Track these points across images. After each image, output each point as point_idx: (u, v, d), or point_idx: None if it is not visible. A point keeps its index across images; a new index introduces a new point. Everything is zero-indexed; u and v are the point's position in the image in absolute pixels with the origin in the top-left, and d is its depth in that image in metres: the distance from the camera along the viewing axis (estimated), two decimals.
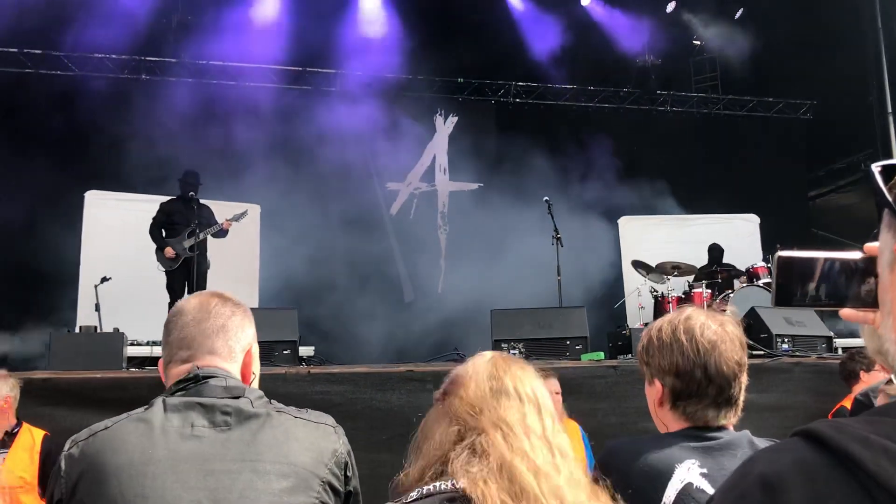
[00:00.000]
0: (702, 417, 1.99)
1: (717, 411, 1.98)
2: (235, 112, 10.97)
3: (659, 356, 2.02)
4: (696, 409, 1.98)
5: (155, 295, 9.19)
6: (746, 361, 2.02)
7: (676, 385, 1.99)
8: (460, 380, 1.58)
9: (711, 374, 1.95)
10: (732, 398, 1.99)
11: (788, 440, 0.83)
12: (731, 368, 1.97)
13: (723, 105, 13.49)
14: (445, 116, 12.64)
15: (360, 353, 9.75)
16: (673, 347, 1.99)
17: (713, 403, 1.97)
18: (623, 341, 7.31)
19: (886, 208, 0.88)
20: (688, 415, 2.00)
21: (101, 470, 1.65)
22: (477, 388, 1.54)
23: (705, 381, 1.96)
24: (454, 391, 1.56)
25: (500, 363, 1.60)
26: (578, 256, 10.42)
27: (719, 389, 1.96)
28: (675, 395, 2.01)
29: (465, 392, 1.54)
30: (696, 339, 1.97)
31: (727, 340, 1.98)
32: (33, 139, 9.91)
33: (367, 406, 5.44)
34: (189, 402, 1.74)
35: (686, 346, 1.97)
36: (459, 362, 1.67)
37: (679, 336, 1.99)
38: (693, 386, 1.97)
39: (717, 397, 1.97)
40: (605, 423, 5.39)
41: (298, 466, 1.71)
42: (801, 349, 6.48)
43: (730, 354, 1.97)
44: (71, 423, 4.54)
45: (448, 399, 1.55)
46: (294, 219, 10.54)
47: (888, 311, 0.90)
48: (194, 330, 1.87)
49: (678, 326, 2.01)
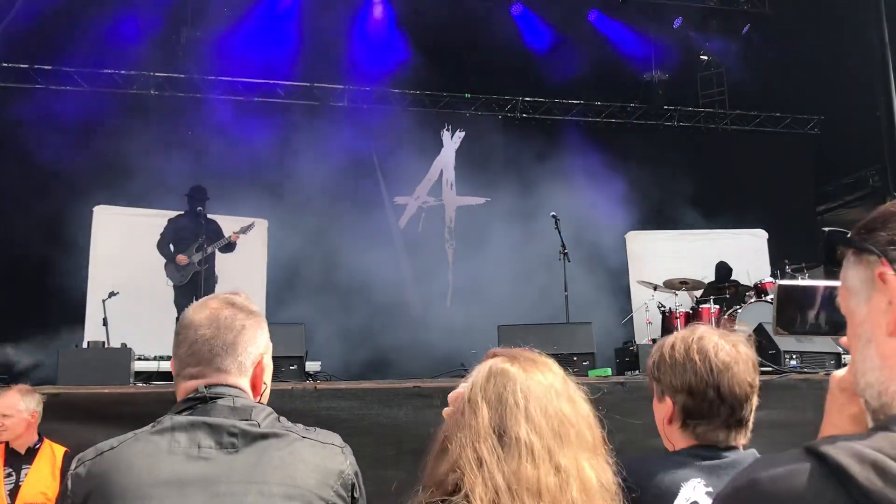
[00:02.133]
0: (712, 438, 1.98)
1: (728, 432, 1.98)
2: (243, 127, 11.02)
3: (671, 374, 2.02)
4: (707, 429, 1.98)
5: (162, 310, 9.22)
6: (758, 383, 2.02)
7: (688, 404, 1.99)
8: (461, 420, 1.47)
9: (724, 394, 1.95)
10: (743, 419, 1.99)
11: (786, 453, 0.87)
12: (744, 390, 1.96)
13: (730, 120, 13.49)
14: (453, 131, 12.67)
15: (367, 368, 9.75)
16: (686, 367, 1.99)
17: (724, 424, 1.97)
18: (630, 357, 7.29)
19: (849, 245, 0.96)
20: (697, 434, 2.00)
21: (107, 491, 1.65)
22: (477, 434, 1.44)
23: (718, 402, 1.95)
24: (455, 428, 1.47)
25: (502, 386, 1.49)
26: (585, 272, 10.41)
27: (731, 410, 1.96)
28: (685, 414, 2.00)
29: (466, 435, 1.44)
30: (710, 360, 1.97)
31: (740, 361, 1.98)
32: (42, 154, 9.96)
33: (374, 422, 5.42)
34: (196, 421, 1.74)
35: (699, 367, 1.97)
36: (465, 378, 1.62)
37: (692, 355, 1.99)
38: (705, 406, 1.96)
39: (728, 418, 1.97)
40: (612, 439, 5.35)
41: (304, 489, 1.70)
42: (810, 366, 6.44)
43: (742, 376, 1.97)
44: (80, 438, 4.55)
45: (449, 435, 1.48)
46: (301, 233, 10.56)
47: (867, 341, 0.94)
48: (203, 347, 1.85)
49: (691, 346, 2.01)
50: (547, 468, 1.39)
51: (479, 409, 1.45)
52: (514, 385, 1.47)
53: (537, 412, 1.44)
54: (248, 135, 11.00)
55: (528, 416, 1.43)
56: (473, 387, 1.50)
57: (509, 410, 1.44)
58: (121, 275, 9.32)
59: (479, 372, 1.53)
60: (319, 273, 10.38)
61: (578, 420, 1.49)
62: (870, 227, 0.94)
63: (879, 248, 0.91)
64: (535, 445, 1.40)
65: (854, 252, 0.95)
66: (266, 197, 10.63)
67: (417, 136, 11.92)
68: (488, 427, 1.42)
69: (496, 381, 1.48)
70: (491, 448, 1.40)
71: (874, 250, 0.91)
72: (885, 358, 0.90)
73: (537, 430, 1.42)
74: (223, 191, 9.87)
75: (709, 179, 12.64)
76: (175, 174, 9.93)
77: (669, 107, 13.23)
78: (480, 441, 1.41)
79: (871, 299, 0.93)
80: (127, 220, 10.31)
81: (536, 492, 1.37)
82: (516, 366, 1.52)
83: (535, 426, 1.43)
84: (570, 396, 1.52)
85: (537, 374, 1.51)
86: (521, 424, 1.42)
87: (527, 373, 1.51)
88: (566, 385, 1.54)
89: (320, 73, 11.85)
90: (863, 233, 0.94)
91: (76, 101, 10.57)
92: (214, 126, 10.61)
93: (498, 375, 1.50)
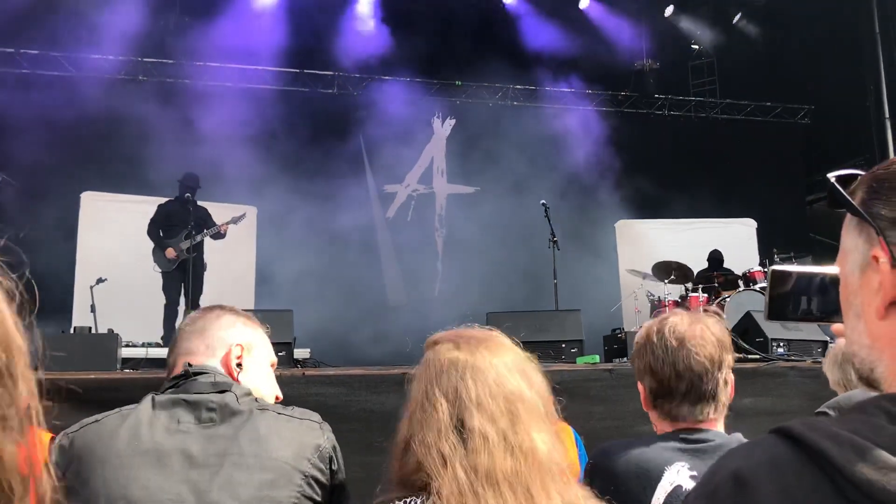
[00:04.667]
0: (678, 415, 2.02)
1: (692, 407, 2.01)
2: (232, 114, 10.96)
3: (638, 359, 2.09)
4: (671, 406, 2.02)
5: (150, 296, 9.18)
6: (726, 358, 2.04)
7: (652, 384, 2.05)
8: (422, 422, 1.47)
9: (680, 370, 1.99)
10: (707, 393, 2.00)
11: (763, 437, 0.86)
12: (702, 364, 1.99)
13: (721, 109, 13.50)
14: (443, 119, 12.64)
15: (356, 354, 9.74)
16: (646, 348, 2.06)
17: (685, 400, 2.00)
18: (619, 345, 7.31)
19: (852, 213, 0.92)
20: (666, 413, 2.04)
21: (88, 460, 1.72)
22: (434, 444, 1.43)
23: (675, 378, 1.99)
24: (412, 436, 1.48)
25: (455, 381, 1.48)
26: (575, 260, 10.42)
27: (689, 385, 1.99)
28: (653, 395, 2.06)
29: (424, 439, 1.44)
30: (665, 338, 2.02)
31: (696, 336, 2.01)
32: (30, 139, 9.88)
33: (362, 409, 5.42)
34: (176, 399, 1.80)
35: (656, 346, 2.03)
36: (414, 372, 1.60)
37: (651, 337, 2.06)
38: (666, 384, 2.01)
39: (687, 394, 2.00)
40: (600, 426, 5.37)
41: (280, 461, 1.74)
42: (797, 353, 6.47)
43: (698, 349, 1.99)
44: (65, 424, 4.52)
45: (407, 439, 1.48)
46: (291, 221, 10.54)
47: (857, 314, 0.93)
48: (180, 335, 1.98)
49: (652, 328, 2.08)
50: (502, 454, 1.40)
51: (438, 404, 1.46)
52: (466, 374, 1.48)
53: (489, 399, 1.45)
54: (237, 121, 10.95)
55: (481, 405, 1.44)
56: (429, 382, 1.50)
57: (464, 404, 1.44)
58: (109, 261, 9.28)
59: (431, 365, 1.53)
60: (308, 260, 10.35)
61: (531, 394, 1.50)
62: (874, 191, 0.90)
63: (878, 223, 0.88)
64: (490, 433, 1.42)
65: (857, 218, 0.92)
66: (255, 184, 10.59)
67: (408, 124, 11.89)
68: (448, 422, 1.43)
69: (449, 374, 1.49)
70: (452, 445, 1.41)
71: (873, 225, 0.88)
72: (875, 339, 0.90)
73: (490, 417, 1.43)
74: (212, 178, 9.82)
75: (699, 168, 12.67)
76: (163, 161, 9.88)
77: (660, 95, 13.23)
78: (442, 438, 1.42)
79: (865, 272, 0.91)
80: (115, 206, 10.27)
81: (494, 481, 1.38)
82: (464, 350, 1.52)
83: (488, 414, 1.44)
84: (522, 369, 1.53)
85: (485, 354, 1.52)
86: (475, 415, 1.43)
87: (475, 355, 1.51)
88: (519, 361, 1.55)
89: (310, 60, 11.80)
90: (867, 196, 0.90)
91: (64, 86, 10.49)
92: (202, 112, 10.54)
93: (450, 367, 1.50)
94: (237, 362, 1.93)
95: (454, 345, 1.55)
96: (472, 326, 1.63)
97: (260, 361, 2.01)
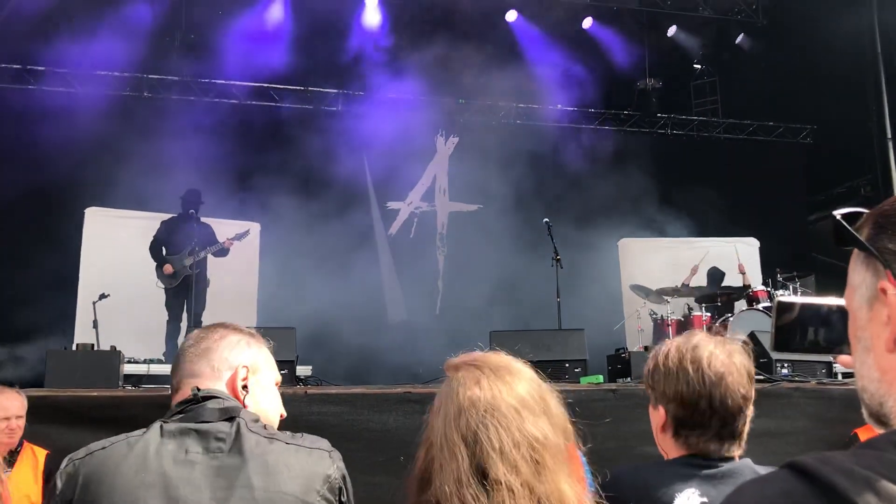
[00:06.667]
0: (704, 449, 1.95)
1: (721, 444, 1.95)
2: (237, 130, 11.00)
3: (664, 383, 1.99)
4: (699, 440, 1.95)
5: (153, 312, 9.17)
6: (753, 395, 1.98)
7: (679, 414, 1.96)
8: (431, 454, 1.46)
9: (716, 406, 1.92)
10: (736, 432, 1.95)
11: (776, 472, 0.85)
12: (737, 402, 1.92)
13: (723, 129, 13.52)
14: (446, 137, 12.67)
15: (357, 372, 9.71)
16: (679, 376, 1.95)
17: (716, 436, 1.94)
18: (622, 364, 7.28)
19: (859, 248, 0.92)
20: (689, 444, 1.96)
21: (95, 490, 1.68)
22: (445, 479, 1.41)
23: (709, 413, 1.92)
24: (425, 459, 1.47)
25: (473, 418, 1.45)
26: (578, 278, 10.40)
27: (723, 422, 1.93)
28: (677, 424, 1.98)
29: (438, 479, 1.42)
30: (703, 370, 1.93)
31: (734, 372, 1.94)
32: (35, 155, 9.91)
33: (364, 428, 5.40)
34: (185, 428, 1.76)
35: (692, 376, 1.93)
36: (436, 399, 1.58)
37: (685, 365, 1.95)
38: (697, 417, 1.93)
39: (720, 430, 1.93)
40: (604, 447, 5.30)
41: (288, 494, 1.70)
42: (801, 374, 6.44)
43: (736, 388, 1.93)
44: (67, 441, 4.50)
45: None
46: (294, 238, 10.53)
47: (866, 348, 0.92)
48: (183, 356, 1.93)
49: (685, 355, 1.97)
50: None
51: (457, 449, 1.42)
52: (486, 418, 1.43)
53: (511, 447, 1.41)
54: (242, 138, 10.99)
55: (504, 456, 1.40)
56: (447, 422, 1.46)
57: (486, 452, 1.40)
58: (112, 277, 9.26)
59: (449, 399, 1.49)
60: (311, 278, 10.34)
61: (554, 435, 1.46)
62: (881, 227, 0.90)
63: (885, 257, 0.88)
64: (514, 485, 1.38)
65: (864, 253, 0.92)
66: (259, 201, 10.60)
67: (411, 141, 11.92)
68: (468, 470, 1.39)
69: (469, 416, 1.44)
70: (475, 495, 1.37)
71: (880, 259, 0.89)
72: (884, 372, 0.89)
73: (515, 468, 1.39)
74: (215, 194, 9.84)
75: (701, 187, 12.65)
76: (167, 177, 9.88)
77: (663, 115, 13.26)
78: (463, 487, 1.38)
79: (873, 306, 0.91)
80: (119, 222, 10.26)
81: None
82: (485, 387, 1.48)
83: (511, 465, 1.40)
84: (544, 408, 1.49)
85: (505, 391, 1.47)
86: (499, 466, 1.39)
87: (497, 396, 1.47)
88: (538, 392, 1.51)
89: (315, 77, 11.85)
90: (873, 231, 0.91)
91: (69, 102, 10.52)
92: (207, 129, 10.57)
93: (471, 408, 1.45)
94: (243, 384, 1.91)
95: (474, 378, 1.50)
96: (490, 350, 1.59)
97: (265, 383, 1.98)
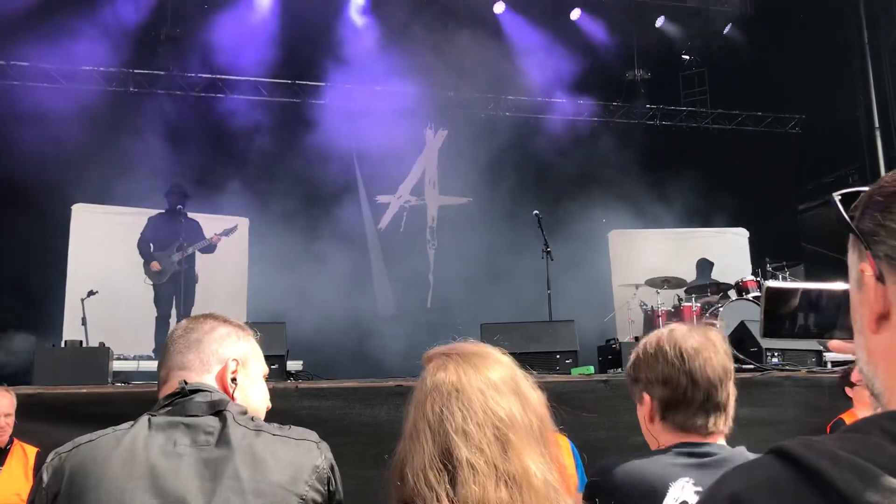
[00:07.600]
0: (692, 425, 1.99)
1: (707, 418, 1.99)
2: (224, 124, 10.94)
3: (646, 369, 2.05)
4: (686, 416, 1.99)
5: (142, 309, 9.14)
6: (732, 369, 2.04)
7: (664, 394, 2.01)
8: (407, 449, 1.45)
9: (697, 378, 1.97)
10: (720, 404, 2.00)
11: (761, 457, 0.85)
12: (717, 373, 1.98)
13: (711, 119, 13.54)
14: (435, 130, 12.64)
15: (348, 366, 9.70)
16: (658, 357, 2.02)
17: (701, 409, 1.98)
18: (613, 355, 7.29)
19: (849, 232, 0.92)
20: (678, 424, 2.00)
21: (82, 483, 1.66)
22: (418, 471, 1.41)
23: (692, 387, 1.97)
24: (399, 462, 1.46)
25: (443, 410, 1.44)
26: (568, 270, 10.40)
27: (707, 395, 1.98)
28: (664, 406, 2.02)
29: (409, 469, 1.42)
30: (680, 347, 2.00)
31: (710, 347, 2.00)
32: (20, 152, 9.84)
33: (356, 421, 5.40)
34: (173, 421, 1.76)
35: (670, 355, 2.00)
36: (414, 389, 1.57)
37: (663, 346, 2.03)
38: (680, 393, 1.98)
39: (704, 403, 1.98)
40: (596, 437, 5.35)
41: (276, 485, 1.70)
42: (791, 363, 6.47)
43: (714, 360, 1.99)
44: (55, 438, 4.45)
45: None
46: (283, 232, 10.49)
47: (858, 330, 0.92)
48: (172, 348, 1.91)
49: (661, 338, 2.05)
50: (494, 484, 1.36)
51: (424, 433, 1.42)
52: (450, 399, 1.43)
53: (475, 427, 1.40)
54: (229, 132, 10.93)
55: (468, 436, 1.39)
56: (416, 407, 1.47)
57: (449, 432, 1.40)
58: (100, 274, 9.22)
59: (419, 387, 1.50)
60: (300, 272, 10.31)
61: (524, 416, 1.45)
62: (866, 206, 0.90)
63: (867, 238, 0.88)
64: (478, 464, 1.37)
65: (853, 237, 0.92)
66: (247, 196, 10.55)
67: (400, 135, 11.88)
68: (433, 452, 1.39)
69: (433, 400, 1.44)
70: (436, 476, 1.37)
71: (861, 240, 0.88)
72: (871, 354, 0.89)
73: (479, 448, 1.38)
74: (203, 189, 9.80)
75: (691, 178, 12.67)
76: (154, 172, 9.84)
77: (651, 106, 13.27)
78: (428, 469, 1.38)
79: (861, 288, 0.91)
80: (106, 218, 10.22)
81: None
82: (451, 370, 1.47)
83: (475, 445, 1.39)
84: (514, 388, 1.48)
85: (472, 374, 1.46)
86: (461, 446, 1.38)
87: (461, 377, 1.46)
88: (510, 376, 1.50)
89: (303, 71, 11.80)
90: (860, 212, 0.90)
91: (54, 98, 10.44)
92: (194, 124, 10.52)
93: (434, 392, 1.45)
94: (232, 377, 1.90)
95: (441, 364, 1.50)
96: (467, 340, 1.59)
97: (254, 375, 1.98)
